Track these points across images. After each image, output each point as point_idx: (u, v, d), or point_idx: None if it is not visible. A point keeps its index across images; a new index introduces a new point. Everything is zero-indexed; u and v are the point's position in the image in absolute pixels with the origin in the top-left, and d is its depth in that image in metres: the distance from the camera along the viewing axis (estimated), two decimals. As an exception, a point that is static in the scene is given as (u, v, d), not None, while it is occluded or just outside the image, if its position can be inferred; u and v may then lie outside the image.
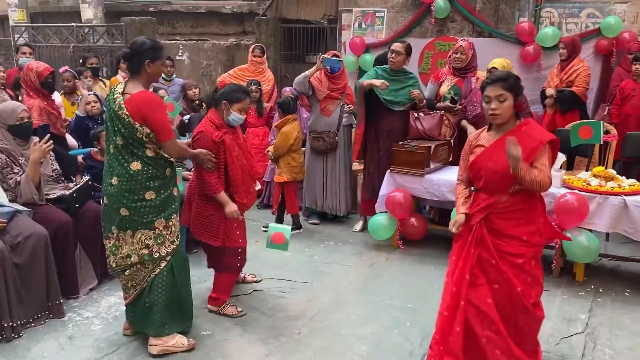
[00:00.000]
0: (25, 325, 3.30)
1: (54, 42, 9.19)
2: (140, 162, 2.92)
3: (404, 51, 4.78)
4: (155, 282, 3.06)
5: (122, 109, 2.85)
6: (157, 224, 2.99)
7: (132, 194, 2.93)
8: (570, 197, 3.88)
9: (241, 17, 9.97)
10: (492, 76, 2.74)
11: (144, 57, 2.90)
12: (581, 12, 6.37)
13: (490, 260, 2.69)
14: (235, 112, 3.34)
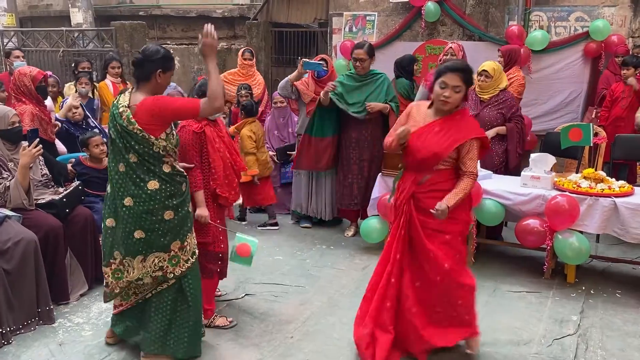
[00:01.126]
0: (15, 332, 3.26)
1: (44, 46, 9.12)
2: (158, 180, 2.75)
3: (367, 56, 4.76)
4: (162, 296, 2.91)
5: (132, 124, 2.67)
6: (173, 246, 2.83)
7: (151, 215, 2.75)
8: (561, 199, 3.90)
9: (232, 21, 9.97)
10: (453, 64, 2.83)
11: (157, 65, 2.73)
12: (570, 15, 6.44)
13: (420, 238, 2.86)
14: None
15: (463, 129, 2.85)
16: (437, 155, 2.82)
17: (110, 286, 2.92)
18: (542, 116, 6.40)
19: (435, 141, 2.82)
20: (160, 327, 2.93)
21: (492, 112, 4.62)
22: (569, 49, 6.28)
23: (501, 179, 4.43)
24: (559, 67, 6.34)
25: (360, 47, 4.79)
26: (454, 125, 2.84)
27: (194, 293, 2.95)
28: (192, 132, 3.22)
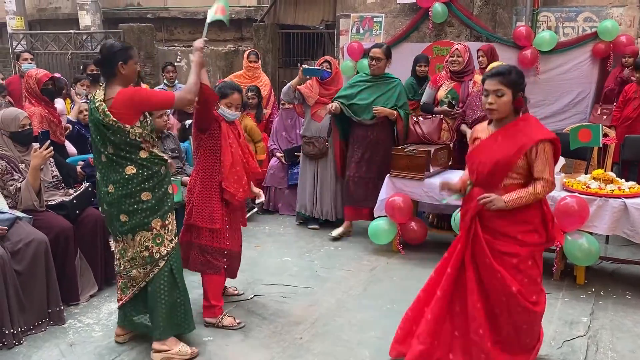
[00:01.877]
0: (26, 332, 3.28)
1: (52, 49, 9.20)
2: (135, 165, 2.92)
3: (383, 56, 4.77)
4: (156, 283, 3.04)
5: (107, 116, 2.83)
6: (154, 223, 2.98)
7: (130, 198, 2.93)
8: (570, 200, 3.89)
9: (239, 24, 10.02)
10: (492, 70, 2.75)
11: (116, 59, 2.88)
12: (578, 16, 6.42)
13: (484, 258, 2.68)
14: (224, 107, 3.36)
15: (529, 133, 2.62)
16: (504, 164, 2.63)
17: (120, 260, 3.09)
18: (550, 117, 6.37)
19: (499, 150, 2.64)
20: (161, 313, 3.05)
21: None
22: (577, 50, 6.25)
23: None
24: (567, 67, 6.31)
25: (378, 46, 4.85)
26: (518, 131, 2.64)
27: (179, 272, 3.14)
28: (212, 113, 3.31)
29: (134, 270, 3.04)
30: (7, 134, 3.64)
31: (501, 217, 2.67)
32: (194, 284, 4.01)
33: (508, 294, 2.66)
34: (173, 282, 3.09)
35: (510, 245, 2.66)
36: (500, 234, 2.68)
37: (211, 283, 3.47)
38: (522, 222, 2.67)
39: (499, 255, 2.67)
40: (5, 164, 3.58)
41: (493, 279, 2.68)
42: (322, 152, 5.13)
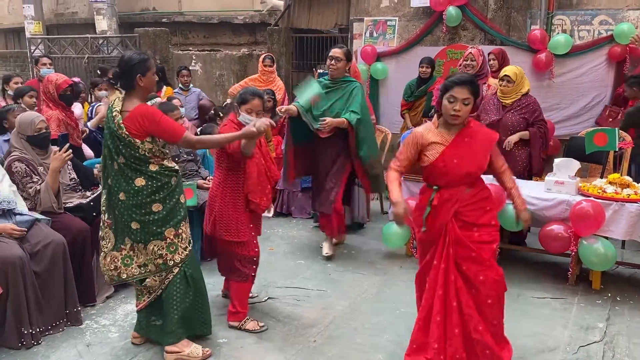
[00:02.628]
0: (44, 333, 3.34)
1: (69, 53, 9.33)
2: (144, 177, 2.93)
3: (344, 57, 4.43)
4: (170, 290, 3.08)
5: (121, 128, 2.85)
6: (167, 233, 3.00)
7: (140, 208, 2.95)
8: (586, 205, 3.86)
9: (253, 28, 10.07)
10: (459, 77, 2.79)
11: (135, 72, 2.89)
12: (594, 19, 6.36)
13: (470, 253, 2.78)
14: (244, 113, 3.39)
15: (485, 133, 2.88)
16: (482, 166, 2.83)
17: (119, 270, 3.06)
18: (565, 120, 6.32)
19: (474, 152, 2.79)
20: (174, 319, 3.08)
21: (515, 116, 4.59)
22: (593, 53, 6.19)
23: (524, 184, 4.39)
24: (583, 71, 6.26)
25: (340, 47, 4.51)
26: (476, 132, 2.84)
27: (195, 278, 3.15)
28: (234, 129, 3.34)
29: (147, 277, 3.06)
30: (24, 137, 3.70)
31: (477, 209, 2.83)
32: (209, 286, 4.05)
33: (499, 280, 2.81)
34: (186, 288, 3.11)
35: (490, 233, 2.83)
36: (477, 225, 2.81)
37: (239, 290, 3.51)
38: (492, 208, 2.89)
39: (480, 246, 2.80)
40: (25, 166, 3.65)
41: (483, 270, 2.79)
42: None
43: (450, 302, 2.81)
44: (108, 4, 9.86)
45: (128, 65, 2.90)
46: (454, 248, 2.81)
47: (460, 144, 2.80)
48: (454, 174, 2.79)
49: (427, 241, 2.93)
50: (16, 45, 13.50)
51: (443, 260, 2.83)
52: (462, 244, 2.80)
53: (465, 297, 2.80)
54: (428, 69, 6.18)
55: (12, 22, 13.27)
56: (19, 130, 3.73)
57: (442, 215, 2.83)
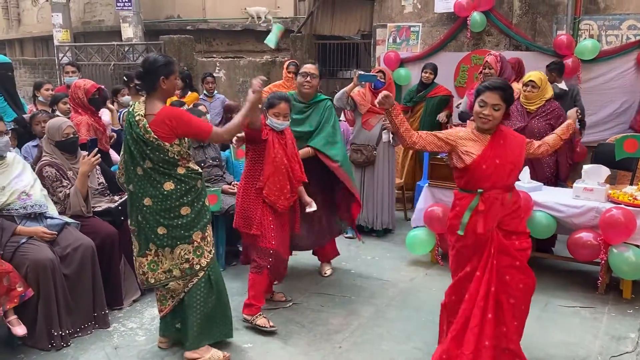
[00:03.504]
0: (73, 335, 3.38)
1: (96, 60, 9.51)
2: (173, 181, 2.92)
3: (317, 73, 4.03)
4: (193, 294, 3.07)
5: (148, 132, 2.83)
6: (195, 236, 3.01)
7: (169, 212, 2.94)
8: (616, 212, 3.79)
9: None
10: (492, 83, 2.77)
11: (159, 74, 2.88)
12: (622, 24, 6.26)
13: (514, 262, 2.76)
14: (271, 117, 3.45)
15: (516, 136, 2.90)
16: (521, 166, 2.84)
17: (146, 275, 3.07)
18: (592, 127, 6.22)
19: (512, 152, 2.79)
20: (195, 323, 3.08)
21: (541, 123, 4.54)
22: (621, 58, 6.12)
23: (552, 191, 4.33)
24: (611, 76, 6.18)
25: (311, 63, 4.16)
26: (507, 135, 2.84)
27: (218, 282, 3.15)
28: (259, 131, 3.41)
29: (171, 282, 3.05)
30: (53, 142, 3.78)
31: (515, 216, 2.80)
32: (232, 291, 4.07)
33: (533, 285, 2.82)
34: (209, 292, 3.10)
35: (527, 240, 2.83)
36: (515, 233, 2.80)
37: (253, 282, 3.54)
38: (523, 217, 2.90)
39: (521, 253, 2.79)
40: (55, 171, 3.71)
41: (524, 277, 2.77)
42: (369, 160, 5.13)
43: (486, 314, 2.75)
44: (134, 12, 10.04)
45: (153, 66, 2.89)
46: (497, 258, 2.75)
47: (497, 145, 2.78)
48: (498, 175, 2.74)
49: (469, 250, 2.83)
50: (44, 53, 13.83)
51: (487, 271, 2.77)
52: (507, 252, 2.75)
53: (505, 308, 2.76)
54: (431, 75, 6.19)
55: (41, 30, 13.60)
56: (48, 136, 3.80)
57: (489, 220, 2.75)
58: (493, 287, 2.75)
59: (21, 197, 3.41)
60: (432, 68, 6.20)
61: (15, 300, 3.14)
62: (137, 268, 3.12)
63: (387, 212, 5.30)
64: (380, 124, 5.13)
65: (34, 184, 3.51)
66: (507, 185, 2.79)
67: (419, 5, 7.22)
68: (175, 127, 2.86)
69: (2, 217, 3.36)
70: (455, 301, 2.90)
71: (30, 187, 3.47)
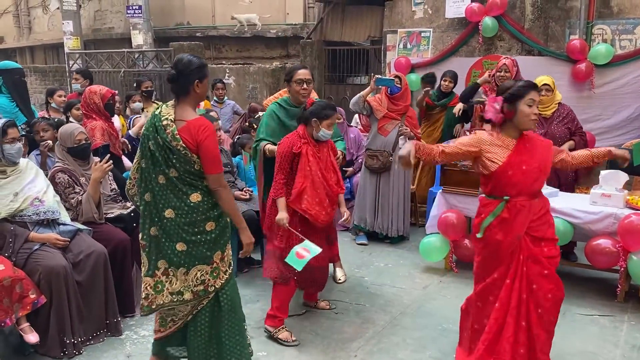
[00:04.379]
0: (85, 342, 3.35)
1: (106, 67, 9.54)
2: (200, 192, 2.66)
3: (312, 78, 3.89)
4: (198, 318, 2.75)
5: (176, 140, 2.56)
6: (215, 257, 2.73)
7: (193, 227, 2.65)
8: (635, 218, 3.72)
9: (285, 41, 10.16)
10: (528, 82, 2.76)
11: (194, 76, 2.63)
12: (636, 28, 6.19)
13: (543, 271, 2.70)
14: (324, 129, 3.39)
15: (540, 139, 2.84)
16: (548, 171, 2.77)
17: (150, 299, 2.73)
18: (606, 132, 6.15)
19: (539, 157, 2.73)
20: (200, 353, 2.78)
21: (560, 127, 4.51)
22: (635, 63, 6.03)
23: (569, 197, 4.27)
24: (624, 81, 6.10)
25: (303, 67, 3.87)
26: (532, 138, 2.79)
27: (231, 304, 2.79)
28: (289, 148, 3.36)
29: (181, 305, 2.74)
30: (65, 149, 3.76)
31: (544, 222, 2.74)
32: (246, 298, 4.03)
33: (562, 298, 2.75)
34: (218, 316, 2.77)
35: (554, 247, 2.76)
36: (544, 240, 2.74)
37: (278, 293, 3.48)
38: (552, 224, 2.80)
39: (550, 261, 2.72)
40: (68, 177, 3.70)
41: (553, 288, 2.71)
42: (385, 166, 5.09)
43: (520, 321, 2.71)
44: (144, 19, 10.08)
45: (188, 68, 2.62)
46: (527, 265, 2.71)
47: (523, 150, 2.73)
48: (525, 182, 2.70)
49: (494, 258, 2.79)
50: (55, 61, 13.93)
51: (517, 278, 2.72)
52: (536, 260, 2.71)
53: (534, 317, 2.72)
54: (451, 83, 5.95)
55: (52, 37, 13.70)
56: (60, 142, 3.79)
57: (516, 228, 2.70)
58: (524, 294, 2.71)
59: (34, 203, 3.39)
60: (451, 76, 5.97)
61: (28, 307, 3.12)
62: (142, 290, 2.76)
63: (402, 219, 5.25)
64: (396, 129, 5.09)
65: (47, 190, 3.49)
66: (534, 192, 2.74)
67: (430, 11, 7.19)
68: (198, 139, 2.57)
69: (15, 223, 3.34)
70: (480, 308, 2.85)
71: (43, 194, 3.45)
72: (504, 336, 2.71)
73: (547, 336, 2.75)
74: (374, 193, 5.20)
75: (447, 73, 6.03)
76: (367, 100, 5.07)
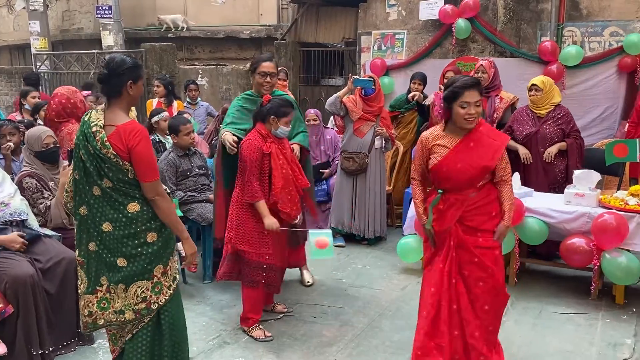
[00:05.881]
0: (55, 352, 3.23)
1: (75, 69, 9.32)
2: (138, 202, 2.48)
3: (277, 71, 3.86)
4: (136, 341, 2.58)
5: (106, 147, 2.38)
6: (156, 271, 2.55)
7: (133, 239, 2.49)
8: (608, 217, 3.78)
9: (259, 42, 10.09)
10: (465, 81, 2.74)
11: (127, 77, 2.47)
12: (604, 30, 6.33)
13: (473, 258, 2.78)
14: (282, 126, 3.40)
15: (495, 137, 2.84)
16: (486, 168, 2.77)
17: (94, 315, 2.57)
18: (577, 133, 6.26)
19: (477, 156, 2.75)
20: None
21: (552, 128, 4.57)
22: (604, 64, 6.16)
23: (543, 197, 4.31)
24: (594, 82, 6.22)
25: (269, 59, 3.74)
26: (484, 135, 2.80)
27: (173, 323, 2.64)
28: (258, 149, 3.32)
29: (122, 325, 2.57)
30: (33, 153, 3.64)
31: (481, 214, 2.80)
32: (222, 303, 3.97)
33: (498, 287, 2.80)
34: (159, 337, 2.62)
35: (491, 239, 2.80)
36: (480, 230, 2.79)
37: (248, 296, 3.46)
38: (497, 214, 2.82)
39: (483, 251, 2.78)
40: (36, 182, 3.58)
41: (485, 276, 2.77)
42: (362, 167, 5.07)
43: (451, 304, 2.81)
44: (114, 19, 9.89)
45: (120, 68, 2.45)
46: (456, 251, 2.80)
47: (464, 149, 2.77)
48: (457, 179, 2.76)
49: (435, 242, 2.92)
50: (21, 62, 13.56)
51: (447, 263, 2.82)
52: (465, 248, 2.79)
53: (464, 301, 2.80)
54: (420, 85, 5.86)
55: (18, 38, 13.34)
56: (28, 146, 3.67)
57: (447, 220, 2.81)
58: (454, 279, 2.80)
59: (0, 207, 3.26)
60: (420, 78, 5.92)
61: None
62: (81, 308, 2.60)
63: (379, 220, 5.24)
64: (372, 130, 5.08)
65: (14, 194, 3.36)
66: (469, 188, 2.78)
67: (404, 13, 7.22)
68: (129, 145, 2.40)
69: (-20, 229, 3.21)
70: (423, 296, 2.95)
71: (10, 197, 3.32)
72: (441, 318, 2.81)
73: (479, 323, 2.79)
74: (350, 195, 5.18)
75: (416, 75, 5.96)
76: (343, 101, 5.05)
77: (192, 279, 4.36)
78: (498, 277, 2.80)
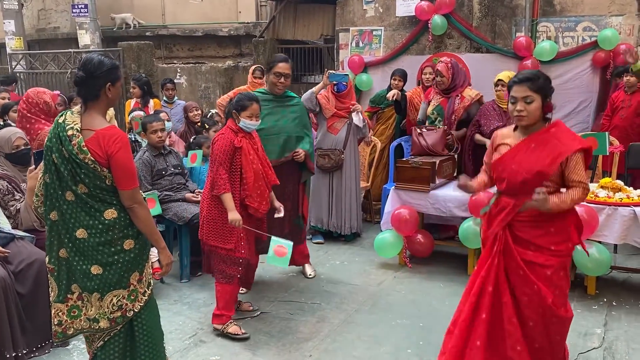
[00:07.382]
0: (29, 355, 3.20)
1: (51, 68, 9.21)
2: (115, 208, 2.41)
3: (291, 72, 4.02)
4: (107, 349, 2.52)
5: (83, 152, 2.30)
6: (132, 278, 2.48)
7: (109, 247, 2.41)
8: (579, 209, 3.82)
9: (238, 40, 10.06)
10: (519, 75, 2.60)
11: (105, 80, 2.37)
12: (577, 25, 6.42)
13: (518, 270, 2.58)
14: (245, 119, 3.40)
15: (564, 141, 2.54)
16: (540, 174, 2.51)
17: (64, 325, 2.50)
18: (552, 126, 6.34)
19: (534, 159, 2.53)
20: None
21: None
22: (578, 59, 6.23)
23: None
24: (568, 77, 6.29)
25: (284, 60, 3.97)
26: (552, 138, 2.55)
27: (148, 328, 2.56)
28: (230, 143, 3.35)
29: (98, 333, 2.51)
30: (3, 154, 3.60)
31: (536, 227, 2.57)
32: (199, 302, 3.97)
33: (545, 306, 2.57)
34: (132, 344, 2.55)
35: (544, 256, 2.56)
36: (533, 244, 2.58)
37: (223, 292, 3.47)
38: (558, 232, 2.58)
39: (531, 267, 2.57)
40: (7, 184, 3.54)
41: (529, 292, 2.58)
42: (338, 164, 5.07)
43: (480, 313, 2.65)
44: (90, 18, 9.78)
45: (99, 69, 2.35)
46: (499, 258, 2.62)
47: (524, 149, 2.58)
48: (510, 181, 2.59)
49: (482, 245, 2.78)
50: (-3, 62, 13.33)
51: (486, 269, 2.66)
52: (511, 256, 2.60)
53: (508, 311, 2.60)
54: (400, 82, 5.88)
55: (-8, 38, 13.10)
56: (-1, 148, 3.62)
57: (494, 224, 2.66)
58: (490, 287, 2.62)
59: (-30, 211, 3.23)
60: (401, 74, 5.93)
61: (-35, 321, 2.96)
62: (52, 317, 2.52)
63: (355, 217, 5.26)
64: (346, 127, 5.09)
65: (-16, 197, 3.33)
66: (523, 193, 2.55)
67: (381, 9, 7.24)
68: (107, 151, 2.33)
69: (-51, 233, 3.17)
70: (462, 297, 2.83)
71: (-20, 201, 3.29)
72: (458, 322, 2.71)
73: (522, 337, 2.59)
74: (327, 192, 5.20)
75: (396, 72, 5.99)
76: (317, 97, 5.06)
77: (169, 279, 4.35)
78: (546, 295, 2.55)
